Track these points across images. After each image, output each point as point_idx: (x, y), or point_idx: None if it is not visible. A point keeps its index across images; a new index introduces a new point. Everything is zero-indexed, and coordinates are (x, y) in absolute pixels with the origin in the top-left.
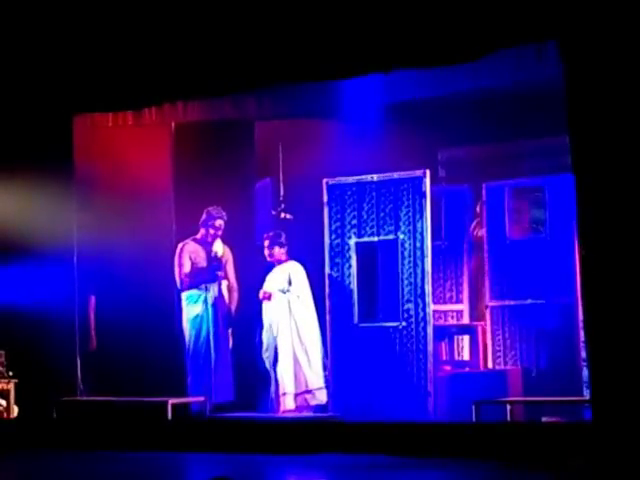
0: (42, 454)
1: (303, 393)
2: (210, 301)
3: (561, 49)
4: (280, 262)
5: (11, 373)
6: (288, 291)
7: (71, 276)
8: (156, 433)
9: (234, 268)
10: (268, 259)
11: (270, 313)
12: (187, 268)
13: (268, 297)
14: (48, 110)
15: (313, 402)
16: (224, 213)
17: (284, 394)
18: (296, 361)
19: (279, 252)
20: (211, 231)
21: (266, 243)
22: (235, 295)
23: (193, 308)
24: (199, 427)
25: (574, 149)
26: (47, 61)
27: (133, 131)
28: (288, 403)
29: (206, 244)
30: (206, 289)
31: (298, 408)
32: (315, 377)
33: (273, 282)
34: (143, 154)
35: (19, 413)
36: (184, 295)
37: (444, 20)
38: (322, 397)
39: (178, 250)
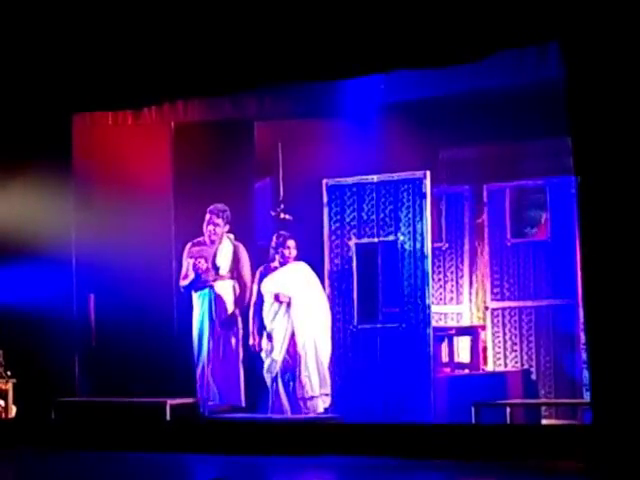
0: (40, 454)
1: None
2: (212, 301)
3: (563, 50)
4: (285, 263)
5: (9, 373)
6: (311, 292)
7: (69, 276)
8: (154, 434)
9: (250, 266)
10: (280, 260)
11: (290, 316)
12: (191, 268)
13: (288, 301)
14: (47, 109)
15: (327, 404)
16: (222, 210)
17: (312, 397)
18: (319, 364)
19: (293, 253)
20: (210, 227)
21: (289, 243)
22: (247, 294)
23: (198, 308)
24: (198, 428)
25: (575, 150)
26: (46, 59)
27: (133, 130)
28: (319, 406)
29: (211, 243)
30: (210, 288)
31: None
32: (327, 379)
33: (290, 284)
34: (142, 153)
35: (17, 413)
36: (193, 295)
37: (446, 21)
38: (329, 399)
39: (186, 250)
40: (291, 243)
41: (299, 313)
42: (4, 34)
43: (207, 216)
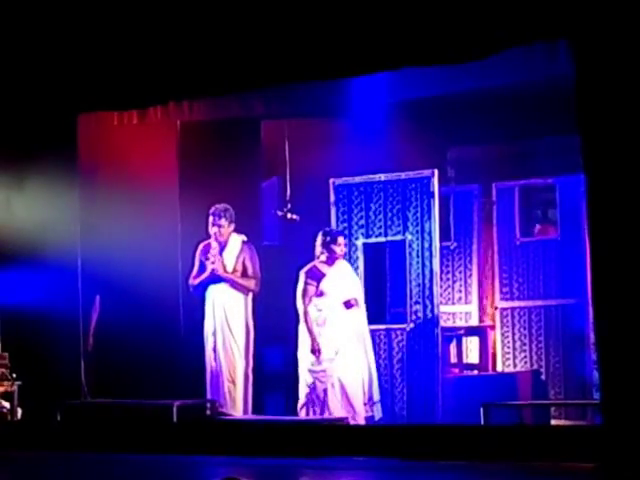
0: (46, 457)
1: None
2: (219, 301)
3: (572, 47)
4: (334, 261)
5: (15, 375)
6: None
7: (75, 277)
8: (161, 435)
9: (259, 266)
10: (327, 256)
11: (354, 321)
12: (197, 269)
13: (357, 303)
14: (52, 110)
15: None
16: (224, 210)
17: (376, 402)
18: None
19: (344, 250)
20: (214, 230)
21: (340, 240)
22: (256, 292)
23: (207, 308)
24: (205, 429)
25: (585, 148)
26: (51, 60)
27: (138, 130)
28: (380, 411)
29: (218, 244)
30: (218, 288)
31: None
32: None
33: (353, 284)
34: (148, 153)
35: (23, 416)
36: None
37: (453, 18)
38: None
39: (198, 249)
40: (342, 240)
41: (362, 315)
42: (8, 35)
43: (210, 218)
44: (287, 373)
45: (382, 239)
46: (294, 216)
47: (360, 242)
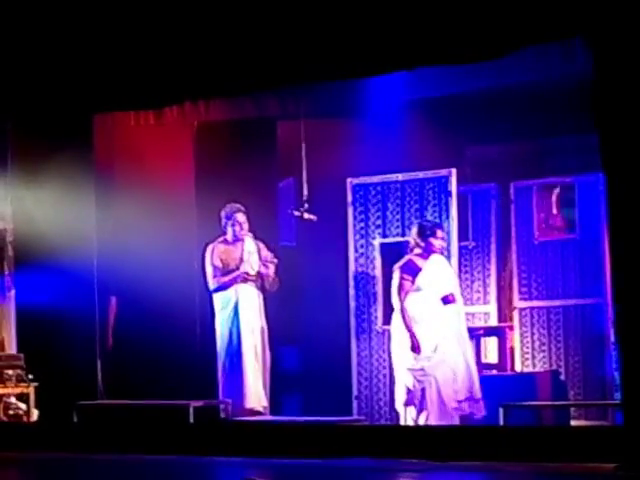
0: (62, 458)
1: None
2: (239, 301)
3: (589, 45)
4: (430, 254)
5: (31, 376)
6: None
7: (91, 278)
8: (178, 436)
9: (275, 260)
10: (424, 248)
11: (452, 317)
12: (216, 270)
13: (454, 299)
14: (69, 110)
15: None
16: (238, 209)
17: (478, 400)
18: None
19: (443, 244)
20: (237, 228)
21: (439, 233)
22: (276, 287)
23: (224, 311)
24: (222, 430)
25: (604, 147)
26: (67, 60)
27: (154, 130)
28: (483, 409)
29: (235, 244)
30: (238, 288)
31: None
32: None
33: (450, 279)
34: (164, 153)
35: (39, 417)
36: (215, 297)
37: (470, 17)
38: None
39: (208, 252)
40: (440, 233)
41: (460, 312)
42: (25, 36)
43: (230, 218)
44: (303, 373)
45: (400, 239)
46: (311, 216)
47: (377, 242)
